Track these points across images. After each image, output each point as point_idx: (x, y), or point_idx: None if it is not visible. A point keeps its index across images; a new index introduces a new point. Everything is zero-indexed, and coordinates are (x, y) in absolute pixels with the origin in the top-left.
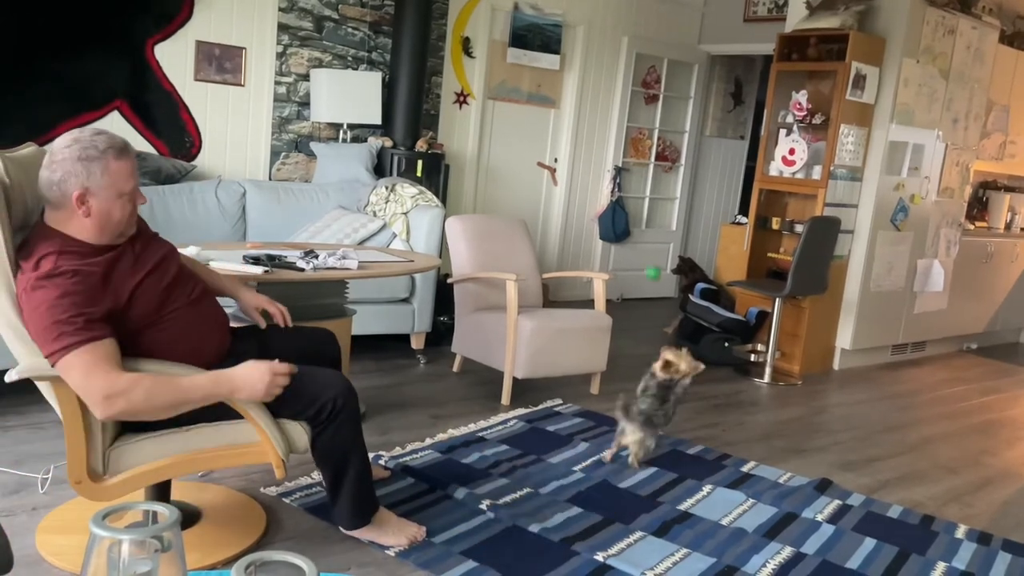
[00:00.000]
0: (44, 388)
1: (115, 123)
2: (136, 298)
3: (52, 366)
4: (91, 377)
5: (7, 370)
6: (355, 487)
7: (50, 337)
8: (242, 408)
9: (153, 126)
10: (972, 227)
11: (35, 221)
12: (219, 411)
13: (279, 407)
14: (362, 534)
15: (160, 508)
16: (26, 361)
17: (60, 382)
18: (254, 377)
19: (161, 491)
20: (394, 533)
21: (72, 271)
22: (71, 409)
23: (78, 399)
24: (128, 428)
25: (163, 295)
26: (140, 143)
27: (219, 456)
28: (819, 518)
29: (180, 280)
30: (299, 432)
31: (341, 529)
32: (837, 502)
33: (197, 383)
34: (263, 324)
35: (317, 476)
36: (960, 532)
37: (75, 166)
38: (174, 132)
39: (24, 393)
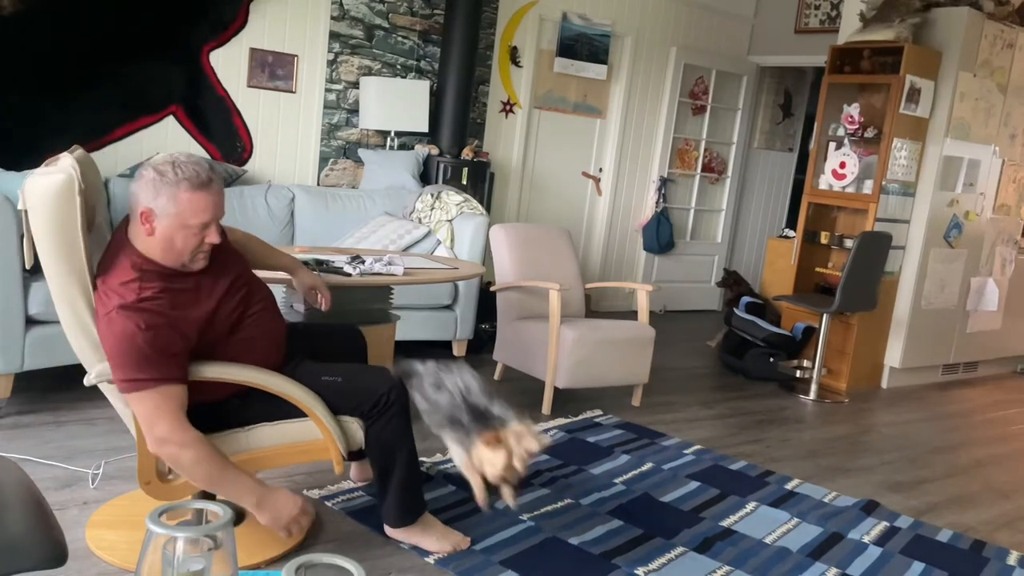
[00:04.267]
0: (114, 391)
1: (170, 128)
2: (211, 323)
3: (120, 391)
4: (157, 418)
5: (69, 366)
6: (404, 483)
7: (126, 367)
8: (305, 406)
9: (206, 131)
10: None
11: (117, 229)
12: (280, 410)
13: (339, 403)
14: (406, 536)
15: (213, 507)
16: (100, 366)
17: None
18: (285, 510)
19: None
20: (438, 539)
21: (153, 298)
22: None
23: None
24: None
25: (235, 319)
26: (193, 148)
27: (281, 454)
28: (866, 540)
29: (247, 299)
30: (355, 428)
31: (386, 528)
32: (884, 524)
33: (242, 480)
34: (311, 303)
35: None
36: (1012, 559)
37: (147, 184)
38: (226, 137)
39: (77, 389)
